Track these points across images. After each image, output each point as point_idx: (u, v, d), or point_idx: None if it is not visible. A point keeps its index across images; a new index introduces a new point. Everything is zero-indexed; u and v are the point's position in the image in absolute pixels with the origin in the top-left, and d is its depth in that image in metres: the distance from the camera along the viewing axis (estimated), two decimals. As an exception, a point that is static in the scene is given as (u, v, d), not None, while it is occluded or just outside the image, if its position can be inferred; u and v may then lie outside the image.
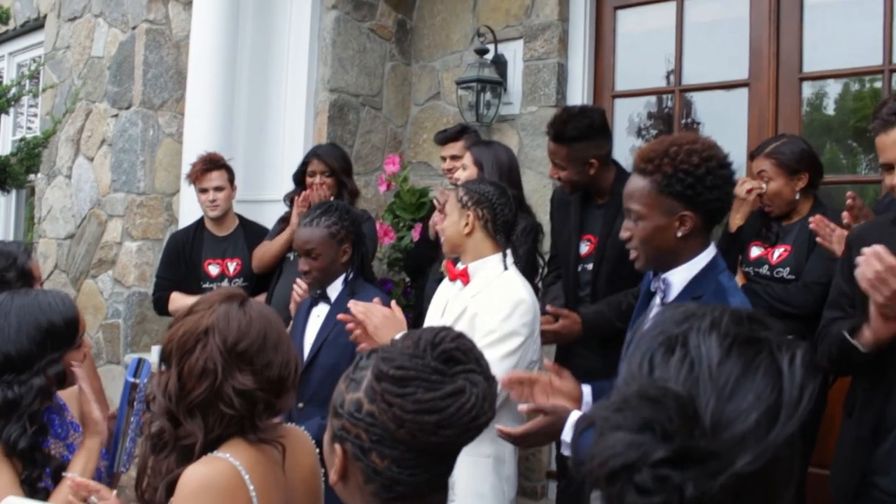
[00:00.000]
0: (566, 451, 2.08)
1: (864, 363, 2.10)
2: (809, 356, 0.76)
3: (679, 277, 2.02)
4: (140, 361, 2.04)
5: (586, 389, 2.17)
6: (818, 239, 2.78)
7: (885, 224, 2.29)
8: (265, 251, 3.84)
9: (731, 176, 2.01)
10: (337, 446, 1.20)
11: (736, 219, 3.15)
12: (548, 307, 3.04)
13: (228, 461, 1.45)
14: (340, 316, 2.39)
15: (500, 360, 2.32)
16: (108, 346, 4.85)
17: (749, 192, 3.11)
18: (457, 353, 1.17)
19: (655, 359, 0.77)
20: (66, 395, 2.08)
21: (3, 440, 1.82)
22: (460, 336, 1.21)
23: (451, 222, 2.58)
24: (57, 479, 1.88)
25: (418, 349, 1.16)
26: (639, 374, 0.77)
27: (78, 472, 1.85)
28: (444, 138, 3.87)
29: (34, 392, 1.85)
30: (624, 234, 2.08)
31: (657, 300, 2.09)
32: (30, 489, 1.84)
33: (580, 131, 2.97)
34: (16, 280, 2.34)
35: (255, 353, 1.52)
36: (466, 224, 2.52)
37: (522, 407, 2.10)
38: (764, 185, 3.11)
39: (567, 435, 2.01)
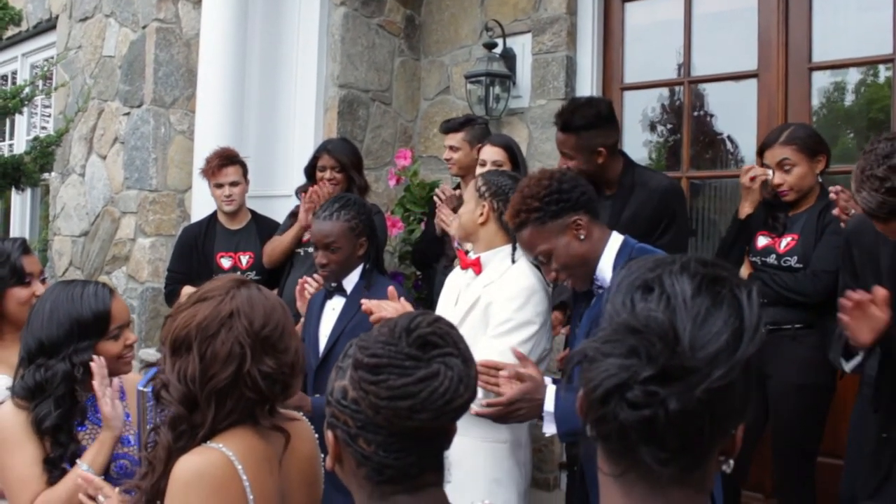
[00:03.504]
0: (548, 428, 2.13)
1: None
2: (758, 292, 0.88)
3: (606, 266, 2.24)
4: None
5: (548, 379, 2.28)
6: (835, 211, 2.77)
7: None
8: (275, 246, 3.86)
9: (571, 173, 2.33)
10: (329, 433, 1.23)
11: (745, 207, 3.15)
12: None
13: (221, 451, 1.45)
14: (363, 301, 2.46)
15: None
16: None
17: (752, 179, 3.11)
18: (433, 337, 1.19)
19: (635, 298, 0.87)
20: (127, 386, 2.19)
21: (33, 419, 1.95)
22: (437, 320, 1.22)
23: (466, 210, 2.63)
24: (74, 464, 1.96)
25: (393, 336, 1.18)
26: (622, 311, 0.87)
27: (87, 463, 1.94)
28: (448, 128, 3.89)
29: (59, 377, 1.97)
30: (551, 277, 2.33)
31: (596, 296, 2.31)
32: (51, 468, 1.94)
33: (588, 120, 3.01)
34: (9, 277, 2.42)
35: (278, 337, 1.55)
36: (481, 213, 2.57)
37: (503, 373, 2.21)
38: (770, 173, 3.10)
39: (549, 405, 2.09)
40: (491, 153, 3.49)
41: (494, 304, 2.46)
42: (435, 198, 3.67)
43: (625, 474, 0.87)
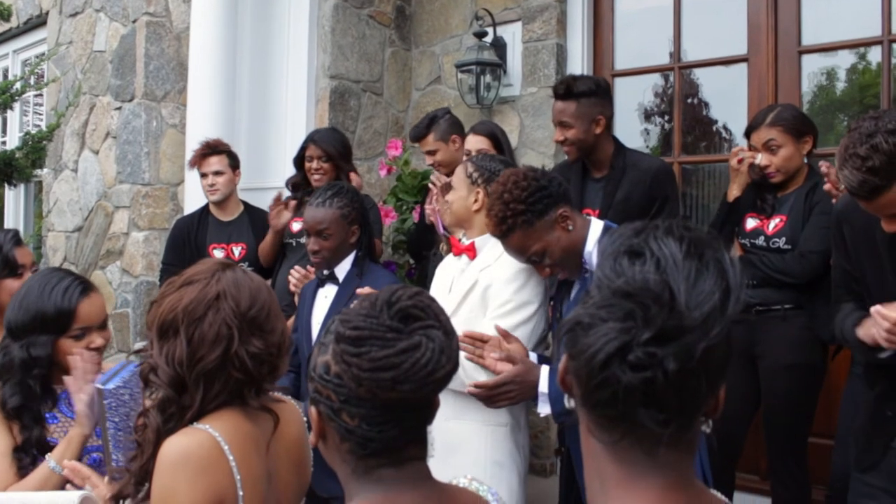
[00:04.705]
0: (543, 408, 2.14)
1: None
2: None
3: (593, 249, 2.26)
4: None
5: (533, 355, 2.32)
6: (826, 186, 2.79)
7: None
8: (260, 250, 3.92)
9: (540, 170, 2.35)
10: (313, 409, 1.24)
11: (733, 189, 3.17)
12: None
13: (208, 432, 1.46)
14: (360, 291, 2.47)
15: (514, 330, 2.37)
16: (117, 336, 4.90)
17: (740, 161, 3.12)
18: (414, 310, 1.19)
19: (624, 264, 0.87)
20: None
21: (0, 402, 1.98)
22: (418, 293, 1.23)
23: (458, 197, 2.62)
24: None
25: (374, 309, 1.19)
26: (613, 277, 0.87)
27: (55, 460, 1.93)
28: (415, 136, 3.86)
29: (16, 363, 1.99)
30: (545, 273, 2.34)
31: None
32: (21, 454, 1.96)
33: (588, 87, 3.08)
34: (1, 268, 2.44)
35: (265, 318, 1.56)
36: (476, 200, 2.57)
37: (492, 356, 2.23)
38: (759, 157, 3.11)
39: (543, 386, 2.09)
40: (475, 142, 3.50)
41: (493, 286, 2.46)
42: (430, 185, 3.67)
43: (620, 441, 0.87)
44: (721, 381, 0.89)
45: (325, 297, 2.95)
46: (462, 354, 2.27)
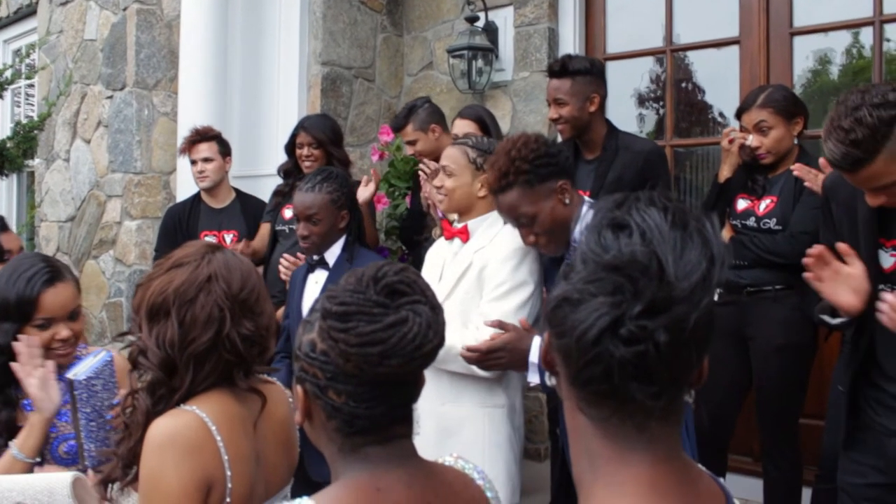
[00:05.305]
0: (533, 377, 2.15)
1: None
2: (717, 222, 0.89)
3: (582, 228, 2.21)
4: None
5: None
6: (806, 184, 2.80)
7: None
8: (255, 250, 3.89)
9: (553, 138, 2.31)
10: (298, 387, 1.24)
11: (724, 170, 3.17)
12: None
13: (195, 413, 1.46)
14: None
15: (514, 312, 2.37)
16: (111, 325, 4.90)
17: (731, 142, 3.12)
18: (400, 285, 1.19)
19: (608, 237, 0.86)
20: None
21: None
22: (404, 269, 1.23)
23: (461, 183, 2.56)
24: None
25: (361, 285, 1.18)
26: (598, 251, 0.85)
27: (17, 447, 1.90)
28: (395, 127, 3.84)
29: None
30: (530, 240, 2.31)
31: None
32: None
33: (583, 65, 3.11)
34: None
35: (255, 300, 1.57)
36: (481, 186, 2.53)
37: (487, 321, 2.26)
38: (750, 138, 3.11)
39: (534, 356, 2.10)
40: (462, 126, 3.49)
41: (489, 266, 2.45)
42: (420, 173, 3.66)
43: (611, 417, 0.86)
44: (706, 351, 0.88)
45: (316, 282, 2.95)
46: (456, 338, 2.29)
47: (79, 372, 1.86)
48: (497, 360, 2.22)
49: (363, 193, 3.58)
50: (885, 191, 1.95)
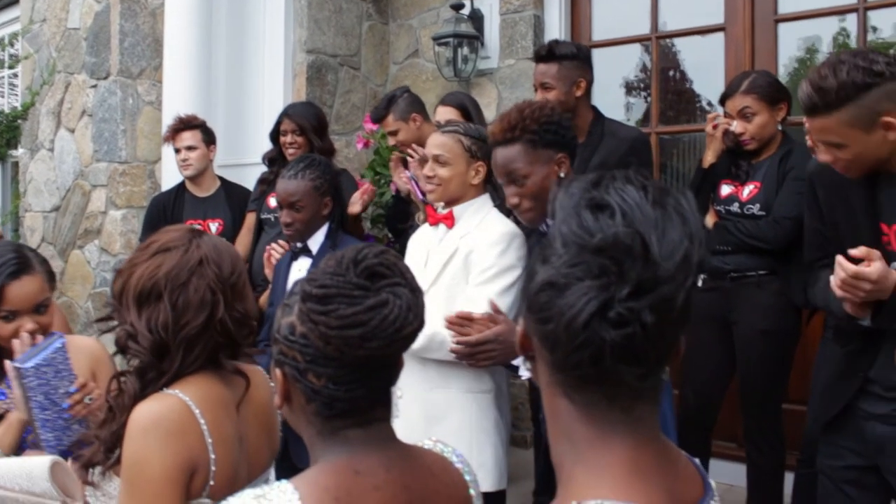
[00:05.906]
0: (524, 372, 2.15)
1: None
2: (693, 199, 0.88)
3: None
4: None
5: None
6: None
7: None
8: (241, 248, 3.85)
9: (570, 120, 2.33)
10: (277, 371, 1.23)
11: (708, 156, 3.18)
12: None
13: (178, 397, 1.46)
14: None
15: (499, 295, 2.34)
16: (97, 314, 4.88)
17: (715, 127, 3.13)
18: (380, 268, 1.19)
19: (587, 219, 0.84)
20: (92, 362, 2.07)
21: None
22: (384, 252, 1.23)
23: (456, 172, 2.53)
24: None
25: (341, 267, 1.18)
26: (580, 233, 0.83)
27: None
28: (376, 118, 3.81)
29: None
30: (513, 201, 2.26)
31: None
32: None
33: (570, 50, 3.15)
34: None
35: (243, 283, 1.60)
36: (477, 174, 2.53)
37: (477, 314, 2.21)
38: (734, 123, 3.12)
39: None
40: (445, 113, 3.48)
41: (475, 251, 2.43)
42: (409, 159, 3.65)
43: (599, 401, 0.86)
44: (684, 330, 0.87)
45: (300, 269, 2.94)
46: (445, 327, 2.28)
47: (27, 360, 1.81)
48: (488, 352, 2.20)
49: (355, 207, 3.57)
50: (832, 153, 1.96)
